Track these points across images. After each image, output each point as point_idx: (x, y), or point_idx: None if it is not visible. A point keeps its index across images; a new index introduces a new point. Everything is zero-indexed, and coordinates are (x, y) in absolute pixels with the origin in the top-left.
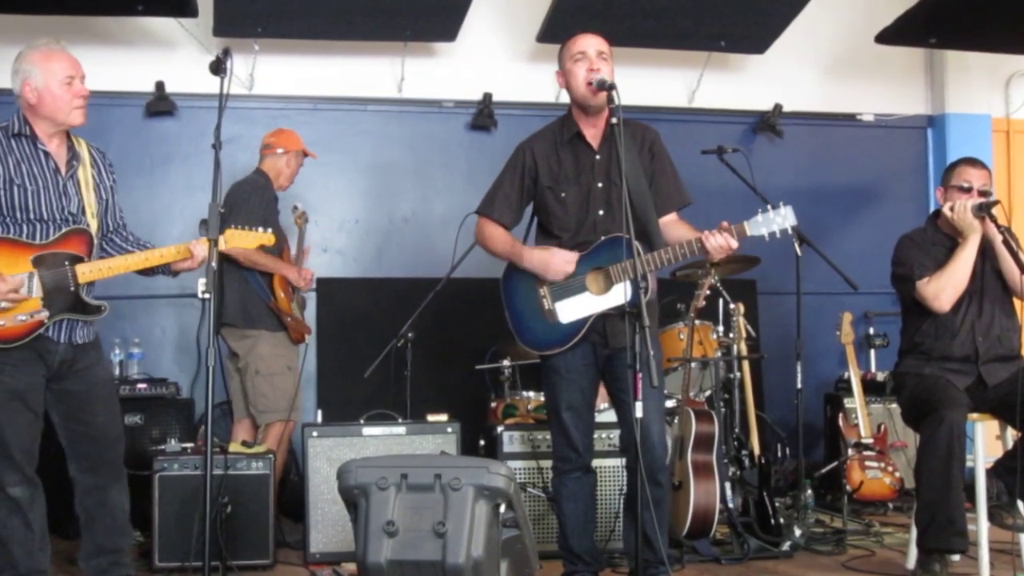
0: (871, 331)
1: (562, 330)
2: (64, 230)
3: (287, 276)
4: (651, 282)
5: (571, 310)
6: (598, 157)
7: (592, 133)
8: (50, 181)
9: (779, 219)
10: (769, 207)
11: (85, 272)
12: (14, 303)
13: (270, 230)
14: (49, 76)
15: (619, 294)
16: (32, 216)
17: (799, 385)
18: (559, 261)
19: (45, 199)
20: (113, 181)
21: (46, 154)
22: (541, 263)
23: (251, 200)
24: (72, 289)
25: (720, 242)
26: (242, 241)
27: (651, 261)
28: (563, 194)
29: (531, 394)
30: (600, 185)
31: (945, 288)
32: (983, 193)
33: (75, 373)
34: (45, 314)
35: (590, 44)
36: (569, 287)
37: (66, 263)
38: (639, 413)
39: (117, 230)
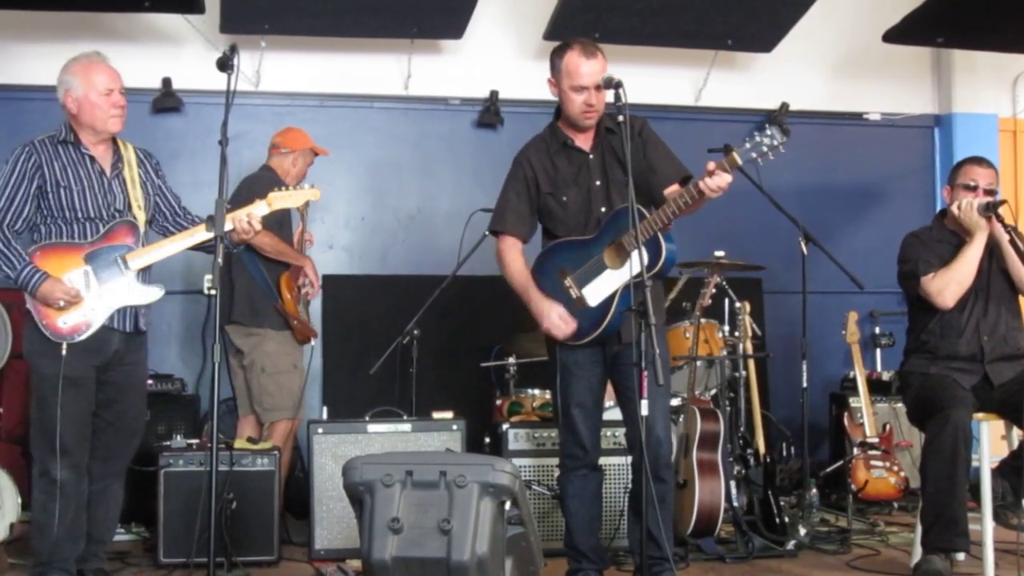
0: (877, 330)
1: (593, 313)
2: (111, 224)
3: (306, 268)
4: (663, 245)
5: (597, 291)
6: (591, 156)
7: (582, 139)
8: (95, 181)
9: (767, 139)
10: (755, 132)
11: (135, 259)
12: (71, 303)
13: (315, 186)
14: (89, 87)
15: (635, 262)
16: (80, 215)
17: (804, 384)
18: (556, 320)
19: (91, 198)
20: (162, 177)
21: (91, 158)
22: (542, 314)
23: (266, 192)
24: (126, 277)
25: (717, 183)
26: (289, 200)
27: (656, 219)
28: (564, 197)
29: (536, 391)
30: (598, 183)
31: (949, 284)
32: (989, 192)
33: (122, 366)
34: (105, 305)
35: (590, 77)
36: (590, 270)
37: (116, 255)
38: (645, 411)
39: (178, 216)
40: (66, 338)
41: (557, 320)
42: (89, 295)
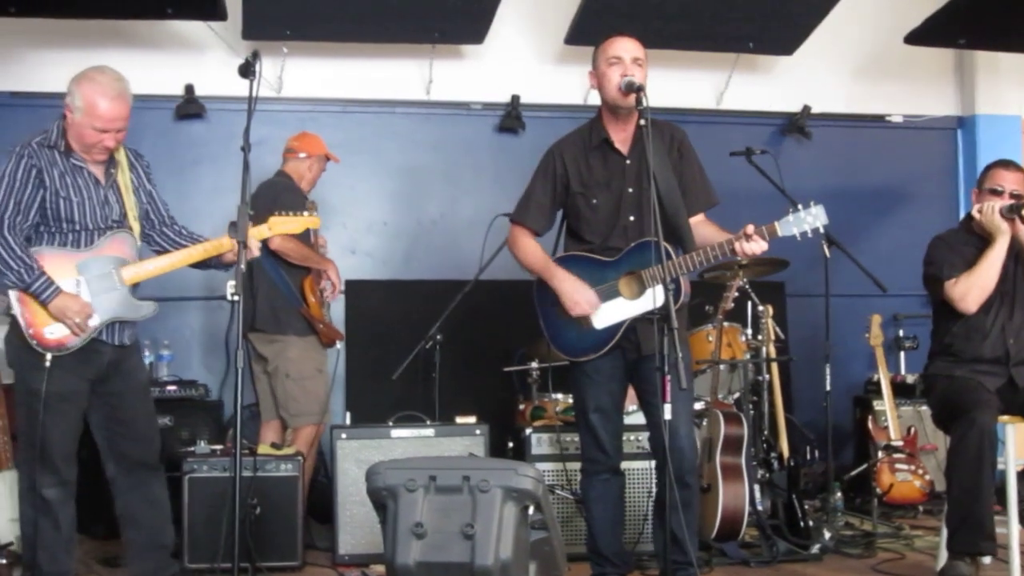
0: (900, 333)
1: (597, 336)
2: (107, 235)
3: (329, 270)
4: (684, 285)
5: (605, 315)
6: (628, 162)
7: (621, 137)
8: (92, 192)
9: (810, 219)
10: (800, 207)
11: (130, 274)
12: (79, 328)
13: (315, 214)
14: (86, 117)
15: (652, 298)
16: (77, 226)
17: (828, 387)
18: (583, 301)
19: (89, 209)
20: (153, 183)
21: (81, 167)
22: (568, 294)
23: (285, 197)
24: (119, 291)
25: (751, 248)
26: (287, 226)
27: (682, 264)
28: (594, 200)
29: (559, 396)
30: (631, 190)
31: (972, 289)
32: (1015, 196)
33: (119, 375)
34: (97, 319)
35: (626, 49)
36: (603, 293)
37: (111, 267)
38: (668, 415)
39: (166, 225)
40: (51, 350)
41: (586, 305)
42: None
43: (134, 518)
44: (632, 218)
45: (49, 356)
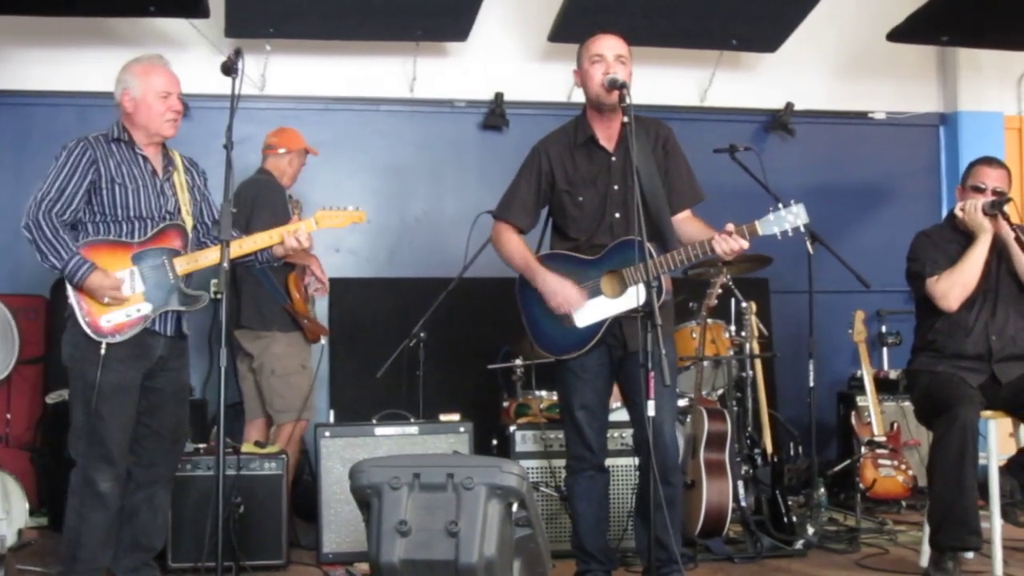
0: (884, 329)
1: (579, 334)
2: (160, 226)
3: (313, 266)
4: (665, 283)
5: (587, 314)
6: (614, 159)
7: (607, 135)
8: (148, 181)
9: (791, 217)
10: (780, 205)
11: (182, 264)
12: (117, 300)
13: (360, 207)
14: (147, 89)
15: (634, 296)
16: (132, 214)
17: (812, 383)
18: (568, 298)
19: (144, 197)
20: (208, 189)
21: (144, 158)
22: (551, 292)
23: (270, 197)
24: (172, 281)
25: (731, 246)
26: (335, 220)
27: (663, 263)
28: (580, 198)
29: (543, 393)
30: (616, 188)
31: (954, 287)
32: (997, 193)
33: (166, 372)
34: (149, 308)
35: (609, 47)
36: (585, 291)
37: (164, 258)
38: (651, 412)
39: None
40: (107, 337)
41: (571, 302)
42: (134, 296)
43: (134, 512)
44: (617, 215)
45: (104, 344)
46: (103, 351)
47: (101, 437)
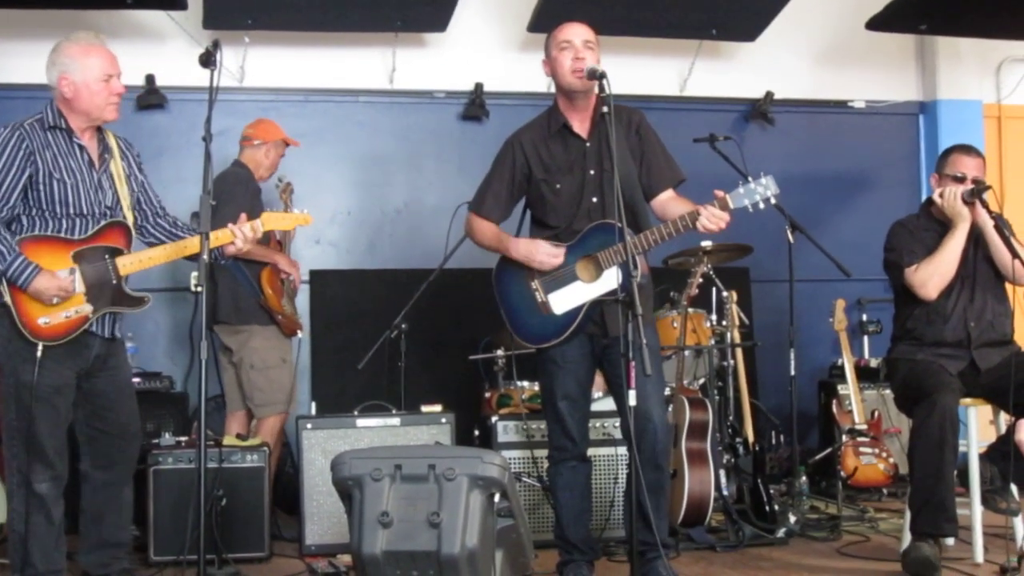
0: (864, 318)
1: (558, 321)
2: (102, 223)
3: (279, 263)
4: (641, 264)
5: (564, 300)
6: (588, 145)
7: (580, 122)
8: (86, 175)
9: (761, 189)
10: (750, 178)
11: (126, 264)
12: (63, 300)
13: (306, 210)
14: (87, 72)
15: (610, 280)
16: (72, 211)
17: (793, 372)
18: (543, 252)
19: (83, 193)
20: (144, 173)
21: (81, 148)
22: (527, 253)
23: (235, 192)
24: (114, 282)
25: (706, 222)
26: (280, 222)
27: (637, 244)
28: (558, 185)
29: (525, 384)
30: (592, 173)
31: (932, 276)
32: (976, 182)
33: (106, 370)
34: (89, 309)
35: (576, 33)
36: (560, 278)
37: (106, 257)
38: (632, 401)
39: (159, 216)
40: (44, 340)
41: (547, 256)
42: (75, 297)
43: (99, 515)
44: (595, 200)
45: (40, 346)
46: (39, 353)
47: (36, 438)
